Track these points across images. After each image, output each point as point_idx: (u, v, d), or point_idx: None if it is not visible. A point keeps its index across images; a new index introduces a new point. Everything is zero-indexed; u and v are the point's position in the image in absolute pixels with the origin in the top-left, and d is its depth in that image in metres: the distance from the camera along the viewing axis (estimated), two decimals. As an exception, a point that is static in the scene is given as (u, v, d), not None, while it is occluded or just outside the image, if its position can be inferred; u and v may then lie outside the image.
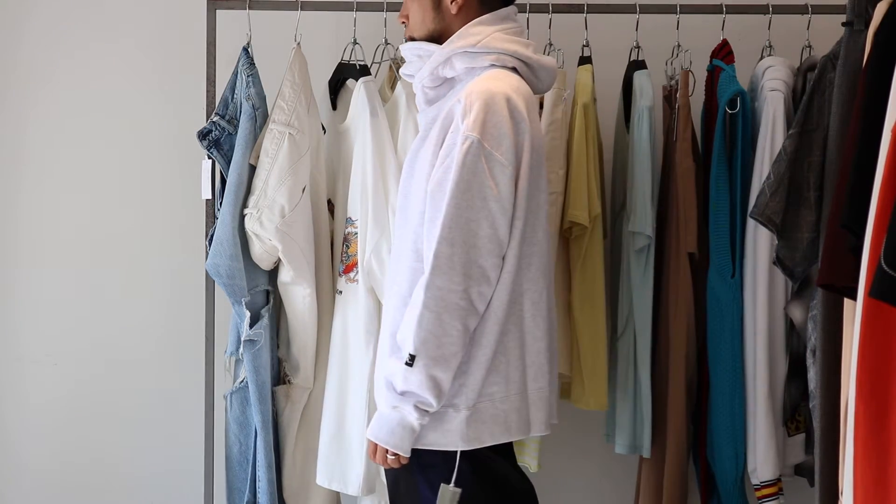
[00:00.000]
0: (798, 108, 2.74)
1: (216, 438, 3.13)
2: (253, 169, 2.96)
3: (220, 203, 3.00)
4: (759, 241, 2.90)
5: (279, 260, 2.95)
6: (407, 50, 2.52)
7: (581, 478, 3.48)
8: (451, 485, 2.33)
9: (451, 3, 2.46)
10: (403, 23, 2.55)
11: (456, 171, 2.26)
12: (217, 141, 3.02)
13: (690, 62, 3.06)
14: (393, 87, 3.06)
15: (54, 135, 3.53)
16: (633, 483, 3.22)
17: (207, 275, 3.04)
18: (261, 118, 3.00)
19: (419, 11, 2.49)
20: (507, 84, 2.35)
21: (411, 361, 2.26)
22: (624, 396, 3.04)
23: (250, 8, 3.06)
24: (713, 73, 3.05)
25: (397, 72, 2.87)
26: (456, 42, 2.43)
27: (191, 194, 3.25)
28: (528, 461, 3.04)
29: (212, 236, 2.98)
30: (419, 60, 2.49)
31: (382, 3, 2.99)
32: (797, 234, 2.69)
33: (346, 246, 2.96)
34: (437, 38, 2.47)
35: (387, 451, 2.32)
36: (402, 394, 2.29)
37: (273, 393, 3.02)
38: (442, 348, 2.26)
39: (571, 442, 3.40)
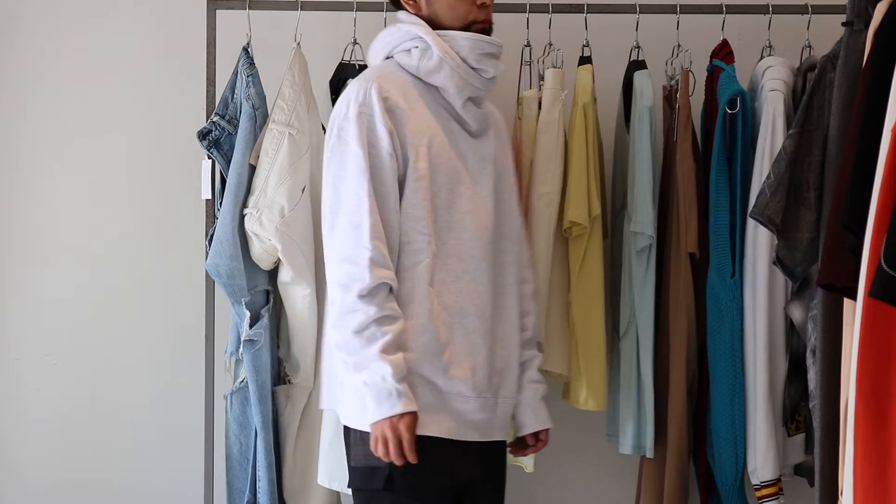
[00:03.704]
0: (798, 108, 2.74)
1: (216, 438, 3.12)
2: (253, 169, 2.96)
3: (220, 203, 3.01)
4: (759, 241, 2.89)
5: (279, 260, 2.95)
6: (498, 45, 2.49)
7: (580, 478, 3.48)
8: None
9: None
10: (489, 5, 2.48)
11: None
12: (217, 141, 3.02)
13: (690, 62, 3.06)
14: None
15: (54, 134, 3.52)
16: (632, 483, 3.22)
17: (207, 275, 3.04)
18: (261, 118, 3.00)
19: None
20: None
21: None
22: (627, 397, 3.03)
23: (250, 8, 3.06)
24: (713, 73, 3.05)
25: None
26: None
27: (191, 194, 3.24)
28: (524, 461, 3.04)
29: (212, 236, 2.98)
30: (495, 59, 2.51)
31: (382, 3, 2.98)
32: (797, 233, 2.69)
33: (347, 246, 2.96)
34: None
35: None
36: None
37: (273, 393, 3.02)
38: None
39: (571, 442, 3.39)
